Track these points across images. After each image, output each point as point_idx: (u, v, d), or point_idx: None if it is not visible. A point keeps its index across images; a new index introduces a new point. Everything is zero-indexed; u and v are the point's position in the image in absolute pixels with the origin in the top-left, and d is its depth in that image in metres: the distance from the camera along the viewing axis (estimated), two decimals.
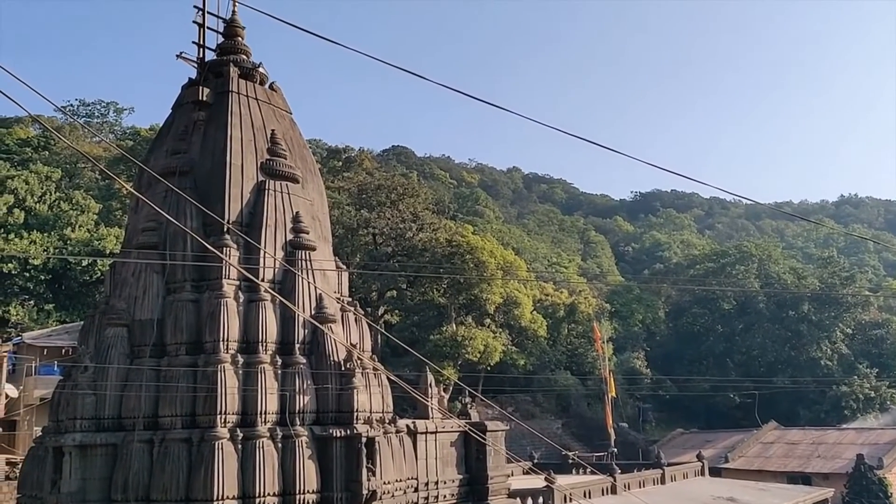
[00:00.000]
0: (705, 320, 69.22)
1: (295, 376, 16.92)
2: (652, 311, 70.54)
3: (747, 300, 67.79)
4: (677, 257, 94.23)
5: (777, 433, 48.30)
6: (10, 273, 45.96)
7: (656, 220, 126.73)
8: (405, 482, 18.68)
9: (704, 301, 69.78)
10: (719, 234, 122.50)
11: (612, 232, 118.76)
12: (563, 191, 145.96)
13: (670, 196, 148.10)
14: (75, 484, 15.54)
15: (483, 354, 46.70)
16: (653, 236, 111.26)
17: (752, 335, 65.60)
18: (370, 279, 48.64)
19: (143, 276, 17.40)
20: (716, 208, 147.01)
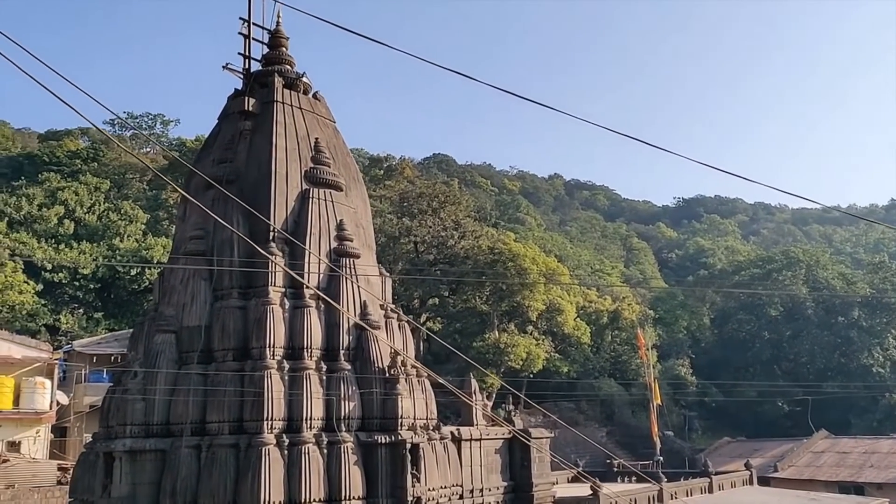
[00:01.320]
0: (751, 327, 68.17)
1: (340, 382, 16.99)
2: (696, 318, 69.70)
3: (795, 306, 66.67)
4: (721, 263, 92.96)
5: (828, 442, 47.28)
6: (61, 282, 47.00)
7: (700, 227, 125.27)
8: (450, 489, 18.62)
9: (750, 307, 68.76)
10: (765, 239, 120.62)
11: (654, 238, 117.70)
12: (605, 197, 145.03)
13: (713, 202, 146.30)
14: (125, 489, 15.77)
15: (526, 361, 46.56)
16: (696, 242, 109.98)
17: (801, 342, 64.45)
18: (412, 287, 48.79)
19: (191, 284, 17.63)
20: (761, 214, 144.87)
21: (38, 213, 51.74)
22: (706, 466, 32.06)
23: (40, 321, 45.06)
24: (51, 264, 47.03)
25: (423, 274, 50.63)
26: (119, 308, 50.05)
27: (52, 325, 45.81)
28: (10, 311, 42.81)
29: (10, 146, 76.68)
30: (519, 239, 60.91)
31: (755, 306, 68.38)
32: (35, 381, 32.22)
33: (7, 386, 31.56)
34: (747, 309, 69.09)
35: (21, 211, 51.49)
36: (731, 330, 69.33)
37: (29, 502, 25.70)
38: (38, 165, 64.28)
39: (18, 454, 30.89)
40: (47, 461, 31.32)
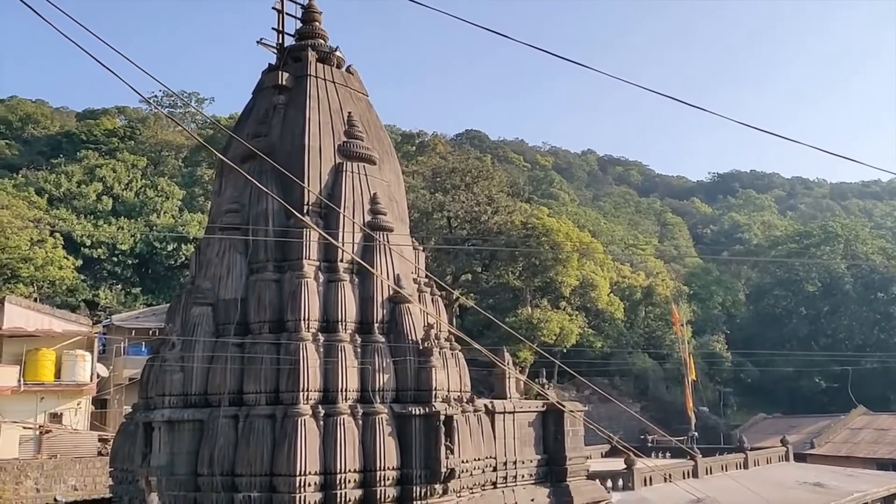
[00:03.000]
0: (788, 302, 67.41)
1: (374, 355, 17.10)
2: (732, 294, 69.09)
3: (833, 281, 65.76)
4: (757, 238, 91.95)
5: (866, 419, 46.76)
6: (100, 258, 47.78)
7: (735, 202, 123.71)
8: (483, 461, 18.72)
9: (787, 283, 67.97)
10: (802, 214, 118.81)
11: (689, 214, 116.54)
12: (638, 173, 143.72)
13: (749, 176, 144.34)
14: (164, 458, 16.04)
15: (559, 337, 46.51)
16: (731, 217, 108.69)
17: (839, 317, 63.65)
18: (445, 262, 48.86)
19: (226, 257, 17.81)
20: (798, 188, 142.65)
21: (76, 190, 52.54)
22: (741, 442, 31.89)
23: (80, 296, 45.88)
24: (90, 240, 47.79)
25: (456, 249, 50.67)
26: (156, 283, 50.77)
27: (92, 300, 46.62)
28: (51, 286, 43.62)
29: (49, 125, 77.78)
30: (552, 214, 60.63)
31: (792, 282, 67.57)
32: (76, 354, 32.87)
33: (49, 359, 32.23)
34: (784, 284, 68.28)
35: (60, 188, 52.31)
36: (767, 305, 68.61)
37: (71, 472, 26.33)
38: (76, 144, 65.22)
39: (60, 425, 31.61)
40: (88, 432, 32.02)
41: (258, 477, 15.58)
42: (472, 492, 18.18)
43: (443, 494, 16.90)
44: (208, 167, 62.77)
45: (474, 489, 18.32)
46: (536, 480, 20.57)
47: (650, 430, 40.02)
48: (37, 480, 25.62)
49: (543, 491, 20.48)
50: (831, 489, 26.88)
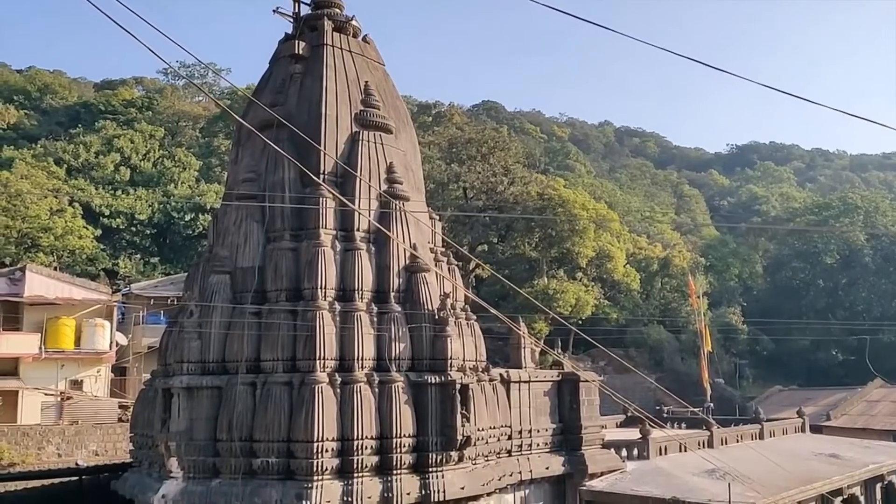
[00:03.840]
0: (805, 275, 67.01)
1: (390, 323, 17.21)
2: (749, 266, 68.73)
3: (852, 253, 65.27)
4: (776, 210, 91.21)
5: (883, 391, 46.56)
6: (118, 228, 48.13)
7: (753, 174, 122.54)
8: (498, 429, 18.87)
9: (805, 255, 67.53)
10: (821, 186, 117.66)
11: (706, 186, 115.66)
12: (655, 144, 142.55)
13: (768, 148, 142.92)
14: (183, 423, 16.27)
15: (575, 308, 46.50)
16: (749, 189, 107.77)
17: (857, 290, 63.27)
18: (461, 233, 48.84)
19: (243, 226, 17.91)
20: (818, 160, 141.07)
21: (95, 160, 52.79)
22: (757, 413, 31.88)
23: (99, 265, 46.26)
24: (108, 210, 48.10)
25: (472, 220, 50.61)
26: (174, 253, 51.11)
27: (111, 269, 47.01)
28: (71, 255, 44.00)
29: (68, 95, 78.01)
30: (568, 185, 60.33)
31: (810, 254, 67.13)
32: (95, 322, 33.24)
33: (69, 327, 32.61)
34: (802, 256, 67.86)
35: (79, 158, 52.58)
36: (785, 278, 68.24)
37: (92, 438, 26.72)
38: (94, 114, 65.42)
39: (81, 392, 32.05)
40: (108, 399, 32.46)
41: (276, 443, 15.80)
42: (487, 459, 18.36)
43: (458, 461, 17.09)
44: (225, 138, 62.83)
45: (489, 457, 18.50)
46: (551, 449, 20.73)
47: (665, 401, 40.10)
48: (58, 445, 26.03)
49: (558, 459, 20.65)
50: (847, 460, 26.88)
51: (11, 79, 79.99)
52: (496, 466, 18.59)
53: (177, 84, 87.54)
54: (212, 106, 78.44)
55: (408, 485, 16.24)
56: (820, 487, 22.67)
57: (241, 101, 57.48)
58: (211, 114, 73.83)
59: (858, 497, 25.67)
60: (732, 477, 20.05)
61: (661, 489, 20.20)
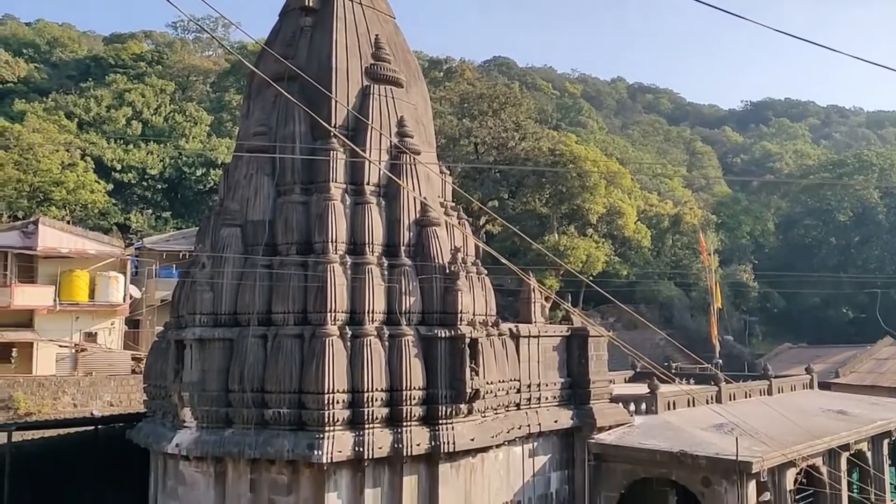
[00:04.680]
0: (818, 232, 66.72)
1: (401, 277, 17.27)
2: (761, 223, 68.49)
3: (865, 211, 64.87)
4: (789, 168, 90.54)
5: (892, 349, 46.52)
6: (130, 182, 48.26)
7: (767, 131, 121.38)
8: (508, 383, 19.02)
9: (818, 212, 67.18)
10: (836, 143, 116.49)
11: (719, 143, 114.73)
12: (669, 101, 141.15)
13: (783, 105, 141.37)
14: (195, 374, 16.47)
15: (585, 264, 46.54)
16: (763, 147, 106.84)
17: (870, 248, 63.00)
18: (472, 189, 48.73)
19: (254, 179, 17.92)
20: (833, 117, 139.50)
21: (106, 114, 52.74)
22: (766, 370, 31.94)
23: (112, 220, 46.49)
24: (120, 165, 48.16)
25: (483, 175, 50.49)
26: (186, 208, 51.28)
27: (123, 223, 47.25)
28: (83, 209, 44.19)
29: (77, 49, 77.66)
30: (580, 142, 59.99)
31: (823, 211, 66.77)
32: (109, 275, 33.51)
33: (83, 280, 32.89)
34: (814, 214, 67.52)
35: (90, 112, 52.51)
36: (797, 235, 67.98)
37: (106, 388, 27.11)
38: (104, 68, 65.13)
39: (95, 344, 32.44)
40: (122, 351, 32.88)
41: (287, 394, 16.00)
42: (496, 412, 18.54)
43: (468, 414, 17.27)
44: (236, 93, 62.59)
45: (498, 410, 18.68)
46: (560, 403, 20.90)
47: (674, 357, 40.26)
48: (73, 396, 26.44)
49: (567, 413, 20.83)
50: (854, 416, 27.02)
51: (20, 31, 79.67)
52: (505, 419, 18.78)
53: (186, 38, 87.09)
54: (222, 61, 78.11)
55: (418, 436, 16.44)
56: (827, 442, 22.84)
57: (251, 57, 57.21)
58: (221, 68, 73.51)
59: (865, 452, 25.86)
60: (740, 431, 20.18)
61: (669, 443, 20.38)
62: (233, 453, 16.10)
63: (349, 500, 16.01)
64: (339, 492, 15.88)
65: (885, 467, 27.27)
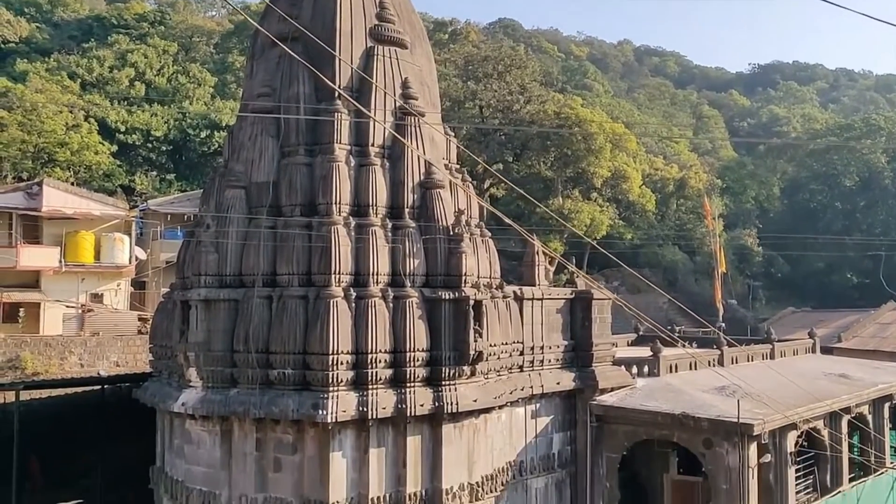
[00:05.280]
0: (823, 197, 66.51)
1: (405, 239, 17.30)
2: (766, 188, 68.29)
3: (872, 175, 64.59)
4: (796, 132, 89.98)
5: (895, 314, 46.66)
6: (135, 144, 48.13)
7: (775, 94, 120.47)
8: (511, 345, 19.13)
9: (824, 177, 66.91)
10: (844, 107, 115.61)
11: (726, 107, 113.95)
12: (675, 64, 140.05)
13: (791, 68, 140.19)
14: (201, 335, 16.58)
15: (589, 228, 46.53)
16: (770, 111, 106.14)
17: (875, 212, 62.83)
18: (476, 152, 48.56)
19: (258, 141, 17.88)
20: (842, 80, 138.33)
21: (109, 75, 52.44)
22: (769, 334, 32.03)
23: (116, 181, 46.45)
24: (124, 126, 48.01)
25: (487, 139, 50.29)
26: (190, 170, 51.19)
27: (128, 185, 47.22)
28: (88, 171, 44.14)
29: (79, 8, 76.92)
30: (586, 105, 59.67)
31: (829, 176, 66.50)
32: (114, 237, 33.56)
33: (88, 241, 32.95)
34: (820, 178, 67.25)
35: (93, 73, 52.21)
36: (802, 200, 67.78)
37: (113, 349, 27.30)
38: (106, 28, 64.55)
39: (101, 305, 32.62)
40: (128, 312, 33.05)
41: (292, 355, 16.13)
42: (499, 374, 18.68)
43: (471, 376, 17.40)
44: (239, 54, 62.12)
45: (502, 372, 18.81)
46: (563, 365, 21.01)
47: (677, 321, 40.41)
48: (80, 356, 26.65)
49: (569, 375, 20.95)
50: (856, 380, 27.13)
51: None
52: (508, 381, 18.92)
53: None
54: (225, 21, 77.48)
55: (421, 397, 16.59)
56: (829, 405, 22.95)
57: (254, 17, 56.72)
58: (224, 29, 72.85)
59: (866, 415, 26.01)
60: (742, 394, 20.33)
61: (671, 405, 20.52)
62: (238, 412, 16.28)
63: (353, 459, 16.21)
64: (343, 451, 16.08)
65: (886, 430, 27.46)
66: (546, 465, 20.69)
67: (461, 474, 17.38)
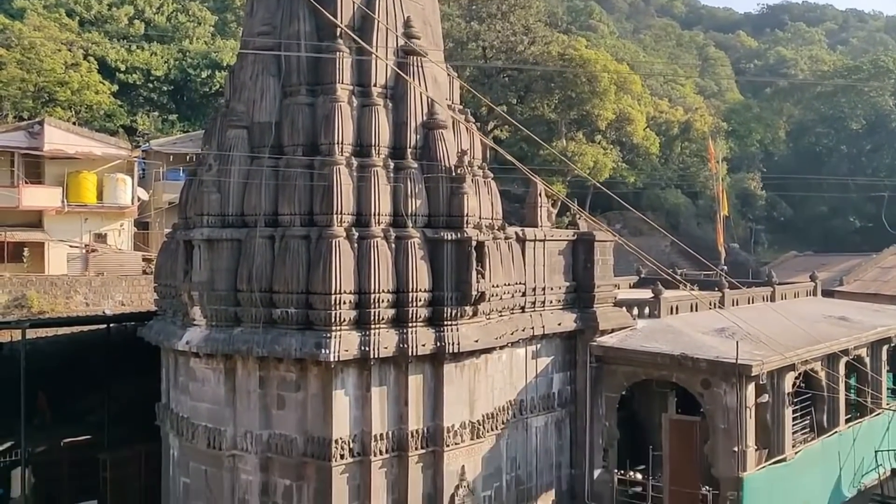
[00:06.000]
0: (829, 140, 66.05)
1: (407, 180, 17.26)
2: (771, 131, 67.73)
3: (879, 118, 64.04)
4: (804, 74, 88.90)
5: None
6: (135, 84, 47.69)
7: (783, 36, 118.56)
8: (513, 286, 19.23)
9: (830, 120, 66.33)
10: (853, 49, 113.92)
11: (733, 48, 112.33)
12: (682, 4, 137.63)
13: (800, 8, 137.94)
14: (205, 274, 16.67)
15: (592, 171, 46.34)
16: (778, 52, 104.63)
17: (881, 156, 62.47)
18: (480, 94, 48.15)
19: (260, 80, 17.72)
20: (852, 21, 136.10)
21: (107, 12, 51.64)
22: (770, 277, 32.15)
23: (117, 122, 46.13)
24: (124, 65, 47.52)
25: (491, 80, 49.80)
26: (192, 111, 50.82)
27: (129, 126, 46.91)
28: (88, 110, 43.83)
29: None
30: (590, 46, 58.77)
31: (835, 119, 65.90)
32: (116, 177, 33.53)
33: (90, 181, 32.92)
34: (827, 121, 66.67)
35: (91, 10, 51.43)
36: (808, 143, 67.34)
37: (118, 289, 27.50)
38: None
39: (105, 245, 32.75)
40: (132, 252, 33.20)
41: (295, 294, 16.24)
42: (500, 315, 18.81)
43: (472, 316, 17.54)
44: None
45: (503, 312, 18.95)
46: (564, 306, 21.15)
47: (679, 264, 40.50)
48: (85, 295, 26.84)
49: (570, 316, 21.11)
50: (855, 323, 27.32)
51: None
52: (509, 322, 19.07)
53: None
54: None
55: (423, 337, 16.75)
56: (827, 347, 23.15)
57: None
58: None
59: (864, 358, 26.24)
60: (742, 335, 20.49)
61: (670, 346, 20.71)
62: (241, 351, 16.46)
63: (356, 397, 16.44)
64: (346, 389, 16.30)
65: (883, 372, 27.75)
66: (546, 405, 20.98)
67: (462, 413, 17.63)
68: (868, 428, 25.20)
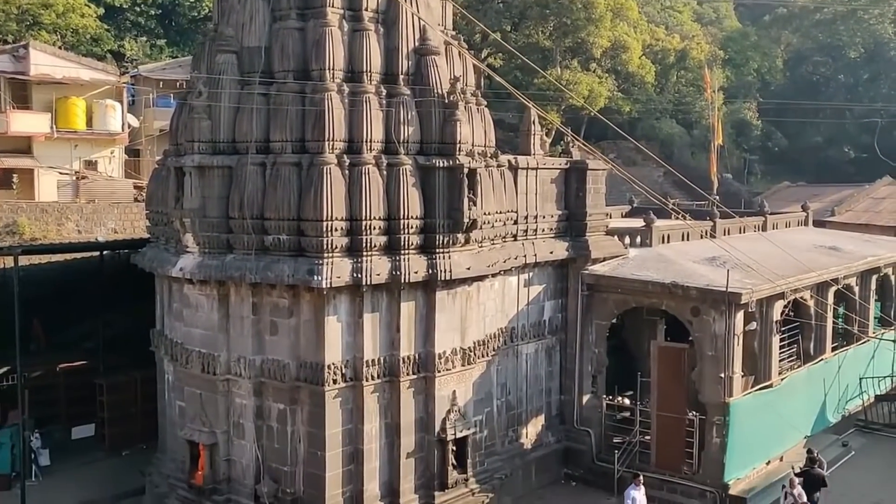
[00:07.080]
0: (826, 69, 65.36)
1: (399, 106, 17.08)
2: (769, 60, 66.80)
3: (877, 47, 63.22)
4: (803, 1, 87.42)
5: (890, 189, 46.64)
6: (122, 7, 46.72)
7: None
8: (505, 214, 19.25)
9: (828, 48, 65.51)
10: None
11: None
12: None
13: None
14: (196, 201, 16.60)
15: (587, 99, 45.86)
16: None
17: (878, 85, 61.88)
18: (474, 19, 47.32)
19: (248, 3, 17.33)
20: None
21: None
22: (762, 207, 32.23)
23: (105, 46, 45.35)
24: None
25: (485, 7, 48.89)
26: (180, 36, 49.95)
27: (117, 51, 46.13)
28: (74, 34, 42.98)
29: None
30: None
31: (833, 48, 65.07)
32: (105, 103, 33.11)
33: (79, 107, 32.50)
34: (825, 50, 65.84)
35: None
36: (805, 73, 66.63)
37: (109, 216, 27.39)
38: None
39: (96, 172, 32.52)
40: (123, 179, 33.01)
41: (286, 221, 16.23)
42: (493, 243, 18.88)
43: (465, 244, 17.59)
44: None
45: (495, 240, 19.01)
46: (556, 234, 21.23)
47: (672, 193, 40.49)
48: (77, 223, 26.73)
49: (562, 244, 21.21)
50: (846, 252, 27.49)
51: None
52: (501, 249, 19.15)
53: None
54: None
55: (415, 264, 16.81)
56: (817, 276, 23.36)
57: None
58: None
59: (853, 287, 26.51)
60: (732, 264, 20.62)
61: (662, 274, 20.86)
62: (234, 277, 16.52)
63: (348, 324, 16.58)
64: (338, 315, 16.42)
65: (871, 301, 28.06)
66: (537, 332, 21.25)
67: (454, 339, 17.83)
68: (854, 356, 25.64)
